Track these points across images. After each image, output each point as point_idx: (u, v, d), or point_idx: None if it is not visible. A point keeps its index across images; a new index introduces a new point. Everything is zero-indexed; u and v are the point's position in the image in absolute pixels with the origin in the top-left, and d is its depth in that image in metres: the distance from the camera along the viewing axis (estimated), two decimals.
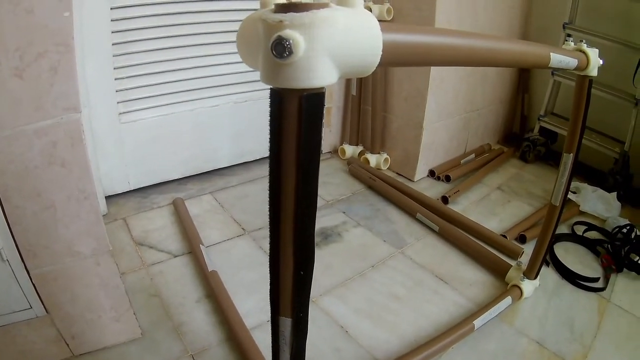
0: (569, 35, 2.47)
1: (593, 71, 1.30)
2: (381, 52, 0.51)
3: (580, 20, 2.55)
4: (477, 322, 1.45)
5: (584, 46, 1.26)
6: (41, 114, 0.98)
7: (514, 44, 0.93)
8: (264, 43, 0.45)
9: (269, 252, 0.59)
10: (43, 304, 1.18)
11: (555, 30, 2.60)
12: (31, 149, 1.00)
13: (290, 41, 0.43)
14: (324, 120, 2.30)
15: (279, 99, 0.49)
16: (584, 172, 2.65)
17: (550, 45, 1.04)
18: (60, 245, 1.13)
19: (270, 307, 0.64)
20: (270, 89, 0.48)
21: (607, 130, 2.59)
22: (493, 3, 2.49)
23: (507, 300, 1.55)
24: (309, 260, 0.59)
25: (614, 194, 2.32)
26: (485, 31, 2.50)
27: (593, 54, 1.27)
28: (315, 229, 1.55)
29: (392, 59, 0.54)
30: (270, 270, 0.59)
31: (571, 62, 1.15)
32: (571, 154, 1.45)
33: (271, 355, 0.78)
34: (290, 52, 0.43)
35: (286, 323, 0.64)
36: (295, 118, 0.49)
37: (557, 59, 1.02)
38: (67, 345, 1.26)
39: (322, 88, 0.48)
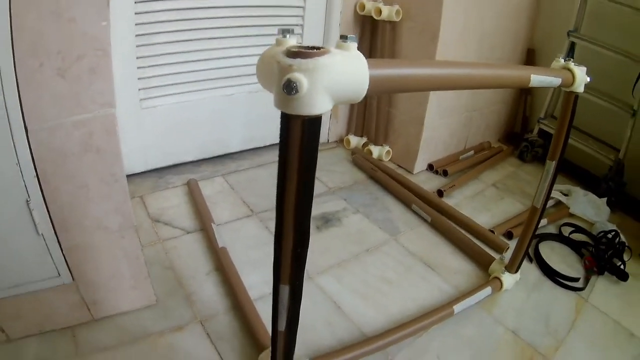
0: (572, 43, 2.55)
1: (579, 88, 1.35)
2: (368, 86, 0.66)
3: (586, 29, 2.57)
4: (457, 307, 1.54)
5: (571, 64, 1.31)
6: (80, 109, 1.08)
7: (492, 69, 1.03)
8: (277, 80, 0.60)
9: (274, 234, 0.74)
10: (70, 273, 1.27)
11: (560, 37, 2.62)
12: (70, 139, 1.10)
13: (297, 83, 0.57)
14: (330, 114, 2.42)
15: (287, 120, 0.64)
16: (579, 176, 2.71)
17: (534, 66, 1.14)
18: (90, 221, 1.23)
19: (273, 276, 0.80)
20: (282, 113, 0.63)
21: (604, 137, 2.63)
22: (500, 9, 2.53)
23: (487, 290, 1.64)
24: (304, 242, 0.74)
25: (605, 199, 2.37)
26: (491, 36, 2.55)
27: (580, 72, 1.32)
28: (317, 213, 1.72)
29: (377, 89, 0.68)
30: (274, 248, 0.75)
31: (554, 80, 1.23)
32: (554, 162, 1.50)
33: (271, 319, 0.93)
34: (297, 91, 0.58)
35: (285, 290, 0.80)
36: (299, 134, 0.64)
37: (538, 79, 1.11)
38: (89, 310, 1.36)
39: (319, 115, 0.63)
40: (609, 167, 2.47)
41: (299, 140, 0.64)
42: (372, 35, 2.50)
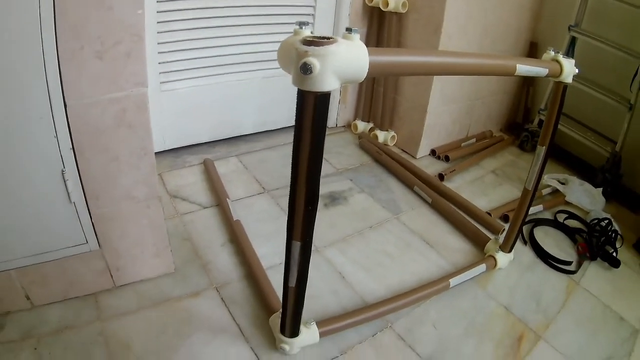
0: (573, 37, 2.59)
1: (567, 78, 1.44)
2: (367, 69, 0.79)
3: (587, 24, 2.61)
4: (453, 281, 1.64)
5: (560, 57, 1.40)
6: (115, 87, 1.16)
7: (479, 59, 1.16)
8: (295, 63, 0.74)
9: (289, 195, 0.87)
10: (97, 240, 1.35)
11: (562, 31, 2.65)
12: (105, 114, 1.18)
13: (311, 65, 0.71)
14: (339, 100, 2.52)
15: (303, 96, 0.78)
16: (577, 166, 2.76)
17: (519, 57, 1.24)
18: (119, 191, 1.32)
19: (287, 233, 0.93)
20: (298, 89, 0.77)
21: (602, 130, 2.66)
22: (503, 2, 2.57)
23: (482, 267, 1.74)
24: (314, 199, 0.88)
25: (600, 189, 2.42)
26: (493, 28, 2.60)
27: (568, 64, 1.41)
28: (325, 192, 1.84)
29: (376, 72, 0.83)
30: (288, 206, 0.89)
31: (540, 71, 1.33)
32: (544, 147, 1.59)
33: (283, 276, 1.06)
34: (311, 72, 0.72)
35: (297, 245, 0.93)
36: (311, 107, 0.80)
37: (524, 69, 1.23)
38: (112, 276, 1.45)
39: (329, 91, 0.76)
40: (606, 159, 2.52)
41: (311, 111, 0.78)
42: (379, 26, 2.57)
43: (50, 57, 1.05)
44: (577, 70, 1.45)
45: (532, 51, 3.00)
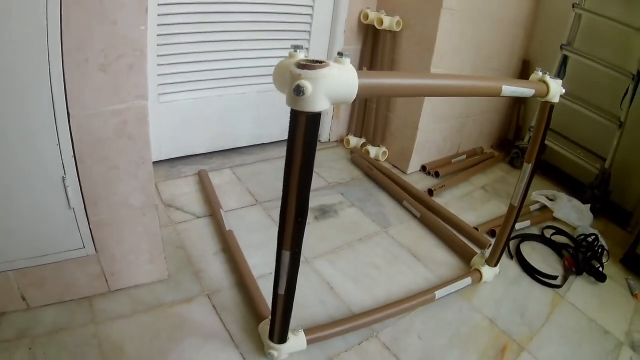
0: (565, 56, 2.64)
1: (554, 98, 1.48)
2: (357, 91, 0.84)
3: (579, 43, 2.66)
4: (439, 293, 1.67)
5: (547, 77, 1.44)
6: (117, 99, 1.20)
7: (465, 80, 1.21)
8: (289, 84, 0.80)
9: (280, 206, 0.92)
10: (94, 245, 1.38)
11: (554, 50, 2.71)
12: (106, 125, 1.22)
13: (304, 87, 0.76)
14: (332, 115, 2.56)
15: (295, 115, 0.84)
16: (566, 182, 2.81)
17: (505, 78, 1.29)
18: (117, 198, 1.35)
19: (277, 243, 0.98)
20: (291, 109, 0.83)
21: (592, 147, 2.71)
22: (496, 21, 2.63)
23: (467, 280, 1.77)
24: (304, 212, 0.93)
25: (588, 205, 2.45)
26: (486, 47, 2.66)
27: (554, 84, 1.45)
28: (316, 205, 1.89)
29: (365, 94, 0.89)
30: (279, 218, 0.94)
31: (526, 91, 1.37)
32: (530, 164, 1.63)
33: (272, 284, 1.11)
34: (303, 93, 0.77)
35: (286, 255, 0.98)
36: (303, 126, 0.85)
37: (510, 90, 1.28)
38: (106, 281, 1.47)
39: (319, 112, 0.82)
40: (595, 176, 2.56)
41: (303, 130, 0.85)
42: (374, 43, 2.63)
43: (56, 68, 1.09)
44: (563, 90, 1.49)
45: (525, 69, 3.06)
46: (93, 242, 1.39)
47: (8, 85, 1.06)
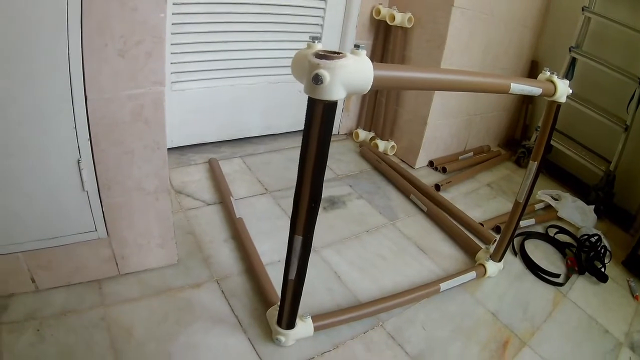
0: (573, 58, 2.65)
1: (561, 98, 1.50)
2: (372, 82, 0.87)
3: (588, 46, 2.67)
4: (443, 286, 1.70)
5: (555, 77, 1.46)
6: (135, 84, 1.22)
7: (475, 77, 1.24)
8: (307, 74, 0.82)
9: (294, 192, 0.94)
10: (106, 228, 1.40)
11: (563, 52, 2.72)
12: (123, 109, 1.24)
13: (322, 77, 0.79)
14: (342, 108, 2.59)
15: (313, 103, 0.86)
16: (572, 183, 2.83)
17: (513, 76, 1.30)
18: (131, 182, 1.37)
19: (290, 228, 1.00)
20: (308, 97, 0.86)
21: (598, 149, 2.72)
22: (506, 21, 2.64)
23: (472, 274, 1.79)
24: (317, 197, 0.96)
25: (592, 207, 2.47)
26: (495, 46, 2.67)
27: (562, 84, 1.47)
28: (325, 196, 1.91)
29: (379, 85, 0.92)
30: (293, 202, 0.97)
31: (534, 90, 1.39)
32: (536, 162, 1.66)
33: (283, 270, 1.13)
34: (321, 82, 0.80)
35: (298, 240, 1.01)
36: (320, 114, 0.88)
37: (518, 87, 1.30)
38: (117, 264, 1.49)
39: (336, 100, 0.84)
40: (600, 178, 2.58)
41: (320, 117, 0.87)
42: (385, 39, 2.65)
43: (75, 52, 1.11)
44: (570, 91, 1.51)
45: (533, 69, 3.07)
46: (105, 225, 1.40)
47: (27, 68, 1.08)
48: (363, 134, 2.89)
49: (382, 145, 2.79)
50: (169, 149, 2.23)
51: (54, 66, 1.11)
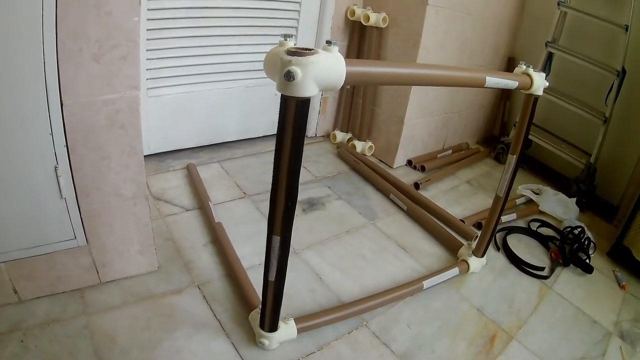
0: (550, 53, 2.68)
1: (537, 91, 1.52)
2: (344, 78, 0.87)
3: (564, 41, 2.71)
4: (426, 283, 1.70)
5: (530, 70, 1.48)
6: (110, 89, 1.21)
7: (450, 71, 1.25)
8: (279, 70, 0.82)
9: (270, 192, 0.94)
10: (85, 235, 1.38)
11: (540, 47, 2.75)
12: (99, 114, 1.23)
13: (294, 73, 0.79)
14: (318, 110, 2.58)
15: (285, 100, 0.86)
16: (553, 177, 2.86)
17: (490, 70, 1.31)
18: (109, 188, 1.35)
19: (267, 228, 1.00)
20: (281, 94, 0.85)
21: (577, 142, 2.76)
22: (482, 19, 2.67)
23: (455, 270, 1.80)
24: (294, 197, 0.96)
25: (574, 199, 2.49)
26: (471, 44, 2.70)
27: (538, 77, 1.49)
28: (304, 198, 1.91)
29: (352, 81, 0.92)
30: (270, 202, 0.96)
31: (509, 83, 1.40)
32: (514, 156, 1.68)
33: (263, 271, 1.12)
34: (293, 79, 0.80)
35: (277, 240, 1.01)
36: (293, 111, 0.88)
37: (493, 81, 1.31)
38: (97, 272, 1.48)
39: (309, 97, 0.84)
40: (581, 170, 2.61)
41: (293, 115, 0.87)
42: (360, 39, 2.65)
43: (50, 57, 1.10)
44: (547, 84, 1.53)
45: (510, 66, 3.09)
46: (84, 232, 1.39)
47: (1, 74, 1.07)
48: (340, 136, 2.90)
49: (359, 145, 2.79)
50: (147, 155, 2.27)
51: (29, 72, 1.10)
